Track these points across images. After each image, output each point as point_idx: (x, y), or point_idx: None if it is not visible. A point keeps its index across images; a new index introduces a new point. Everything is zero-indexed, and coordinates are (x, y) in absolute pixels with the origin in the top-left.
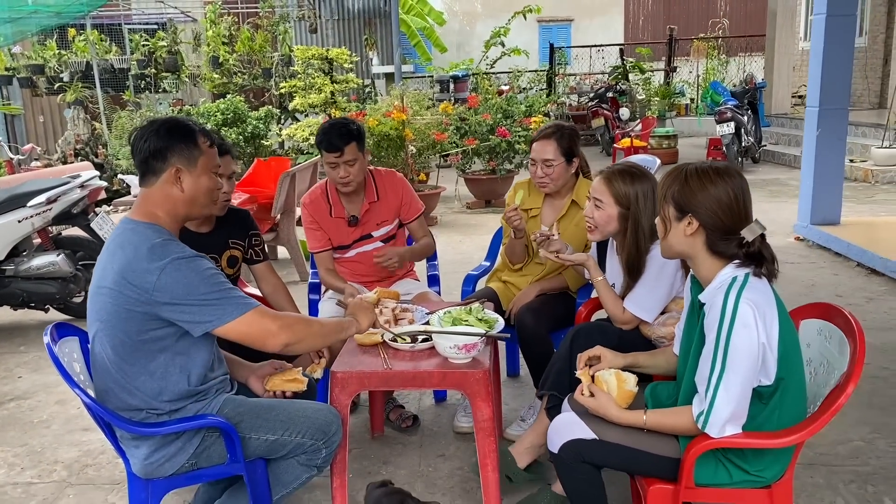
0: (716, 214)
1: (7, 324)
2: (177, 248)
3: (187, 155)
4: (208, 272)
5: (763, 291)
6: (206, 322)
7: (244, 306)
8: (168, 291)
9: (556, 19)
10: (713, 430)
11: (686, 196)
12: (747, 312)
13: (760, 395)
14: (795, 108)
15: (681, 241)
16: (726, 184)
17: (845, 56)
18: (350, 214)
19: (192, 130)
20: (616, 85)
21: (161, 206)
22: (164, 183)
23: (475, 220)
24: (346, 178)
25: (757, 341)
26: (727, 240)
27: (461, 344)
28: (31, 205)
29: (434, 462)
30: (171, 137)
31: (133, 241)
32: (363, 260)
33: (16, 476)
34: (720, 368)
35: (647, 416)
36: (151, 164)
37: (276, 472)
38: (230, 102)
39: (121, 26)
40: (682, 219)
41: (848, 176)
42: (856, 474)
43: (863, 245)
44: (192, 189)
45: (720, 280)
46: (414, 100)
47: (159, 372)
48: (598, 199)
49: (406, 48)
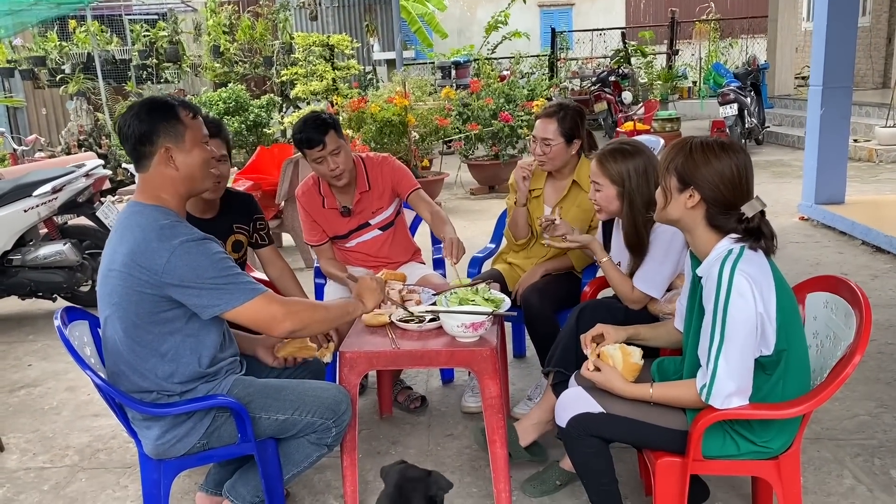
0: (718, 188)
1: (15, 313)
2: (186, 229)
3: (173, 133)
4: (217, 256)
5: (759, 263)
6: (215, 306)
7: (252, 291)
8: (177, 274)
9: (557, 4)
10: (716, 402)
11: (689, 168)
12: (743, 283)
13: (763, 366)
14: (799, 89)
15: (680, 213)
16: (730, 159)
17: (848, 34)
18: (342, 205)
19: (171, 106)
20: (618, 69)
21: (162, 187)
22: (157, 165)
23: (479, 205)
24: (336, 169)
25: (754, 311)
26: (727, 214)
27: (468, 323)
28: (37, 194)
29: (442, 441)
30: (152, 118)
31: (141, 224)
32: (364, 249)
33: (28, 461)
34: (719, 339)
35: (654, 390)
36: (140, 149)
37: (286, 452)
38: (232, 91)
39: (121, 17)
40: (683, 191)
41: (852, 156)
42: (862, 448)
43: (867, 223)
44: (186, 165)
45: (716, 253)
46: (416, 86)
47: (170, 354)
48: (595, 182)
49: (407, 34)
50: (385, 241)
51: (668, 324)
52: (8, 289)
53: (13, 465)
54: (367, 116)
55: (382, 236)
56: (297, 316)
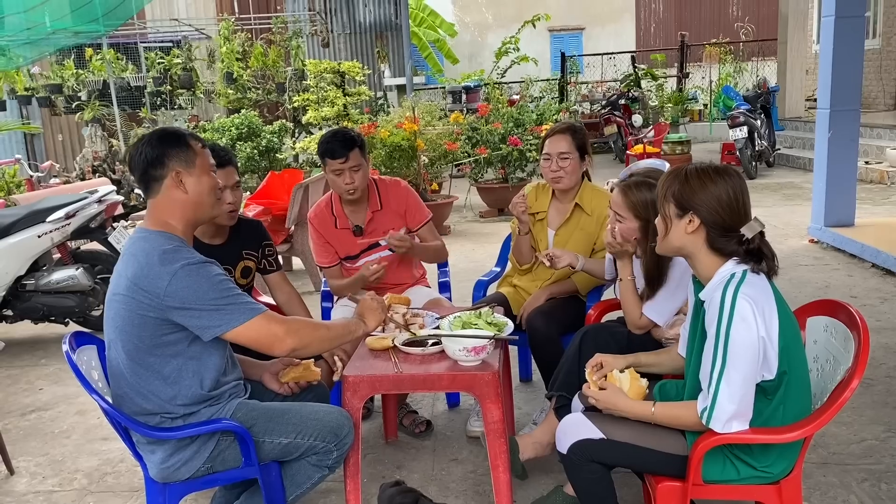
0: (716, 212)
1: (28, 337)
2: (187, 253)
3: (184, 157)
4: (217, 278)
5: (761, 287)
6: (216, 326)
7: (252, 311)
8: (178, 296)
9: (567, 28)
10: (717, 425)
11: (687, 194)
12: (745, 307)
13: (764, 390)
14: (809, 111)
15: (681, 239)
16: (726, 182)
17: (855, 57)
18: (354, 224)
19: (181, 134)
20: (628, 92)
21: (170, 212)
22: (167, 189)
23: (488, 228)
24: (352, 184)
25: (756, 335)
26: (727, 237)
27: (470, 347)
28: (51, 220)
29: (447, 466)
30: (163, 144)
31: (145, 249)
32: None
33: (38, 485)
34: (721, 363)
35: (656, 408)
36: (151, 173)
37: (289, 474)
38: (245, 117)
39: (137, 45)
40: (683, 216)
41: (863, 178)
42: (869, 472)
43: (877, 246)
44: (195, 189)
45: (719, 277)
46: (426, 111)
47: (173, 376)
48: (618, 214)
49: (417, 60)
50: (392, 262)
51: (671, 350)
52: (21, 313)
53: (23, 489)
54: (377, 141)
55: (391, 257)
56: (299, 334)
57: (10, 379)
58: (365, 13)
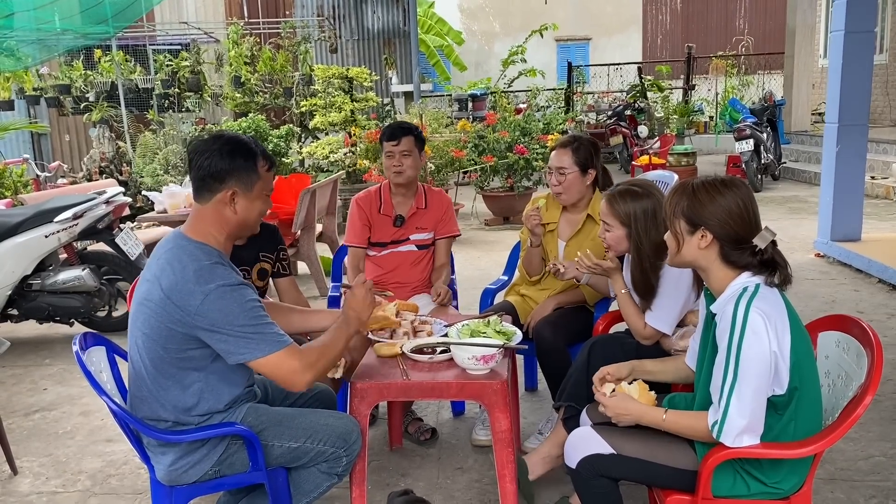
0: (728, 224)
1: (33, 337)
2: (224, 272)
3: (245, 179)
4: (250, 304)
5: (774, 301)
6: (240, 353)
7: (277, 344)
8: (209, 317)
9: (574, 38)
10: (727, 439)
11: (696, 209)
12: (758, 321)
13: (775, 405)
14: (815, 125)
15: (695, 254)
16: (734, 194)
17: (864, 72)
18: (397, 213)
19: (253, 153)
20: (634, 103)
21: (214, 225)
22: (217, 202)
23: (493, 236)
24: (400, 167)
25: (768, 349)
26: (741, 249)
27: (479, 355)
28: (58, 220)
29: (452, 474)
30: (232, 159)
31: (182, 261)
32: (393, 260)
33: (41, 485)
34: (732, 377)
35: (667, 416)
36: (209, 182)
37: (296, 481)
38: (252, 121)
39: (145, 47)
40: (694, 232)
41: (869, 193)
42: (877, 489)
43: (884, 261)
44: (244, 212)
45: (731, 290)
46: (432, 118)
47: (192, 389)
48: (605, 222)
49: (425, 67)
50: (414, 260)
51: (677, 359)
52: (27, 313)
53: (26, 489)
54: None
55: (416, 254)
56: (315, 367)
57: (14, 378)
58: (373, 19)
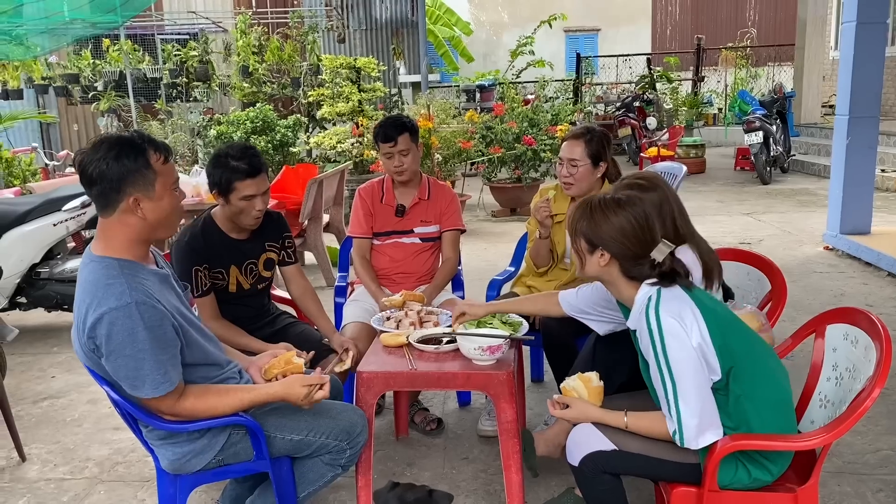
0: (623, 244)
1: (41, 325)
2: (119, 291)
3: (142, 181)
4: (138, 334)
5: (677, 297)
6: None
7: (161, 386)
8: (99, 340)
9: (583, 29)
10: (691, 444)
11: (593, 230)
12: (672, 324)
13: (717, 390)
14: (825, 117)
15: (598, 271)
16: (628, 213)
17: (876, 64)
18: (399, 203)
19: (142, 150)
20: (643, 94)
21: (123, 236)
22: (122, 213)
23: (500, 228)
24: (401, 166)
25: (691, 346)
26: (640, 264)
27: (485, 346)
28: (66, 209)
29: (458, 464)
30: (120, 164)
31: (88, 280)
32: (395, 252)
33: (49, 472)
34: (671, 385)
35: (628, 418)
36: (106, 195)
37: (301, 471)
38: (259, 111)
39: (154, 37)
40: (594, 252)
41: (879, 186)
42: (885, 483)
43: (894, 254)
44: (154, 214)
45: (638, 304)
46: (440, 108)
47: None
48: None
49: (433, 58)
50: (419, 252)
51: (550, 296)
52: (35, 301)
53: (34, 476)
54: None
55: (420, 246)
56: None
57: (23, 366)
58: (381, 9)
